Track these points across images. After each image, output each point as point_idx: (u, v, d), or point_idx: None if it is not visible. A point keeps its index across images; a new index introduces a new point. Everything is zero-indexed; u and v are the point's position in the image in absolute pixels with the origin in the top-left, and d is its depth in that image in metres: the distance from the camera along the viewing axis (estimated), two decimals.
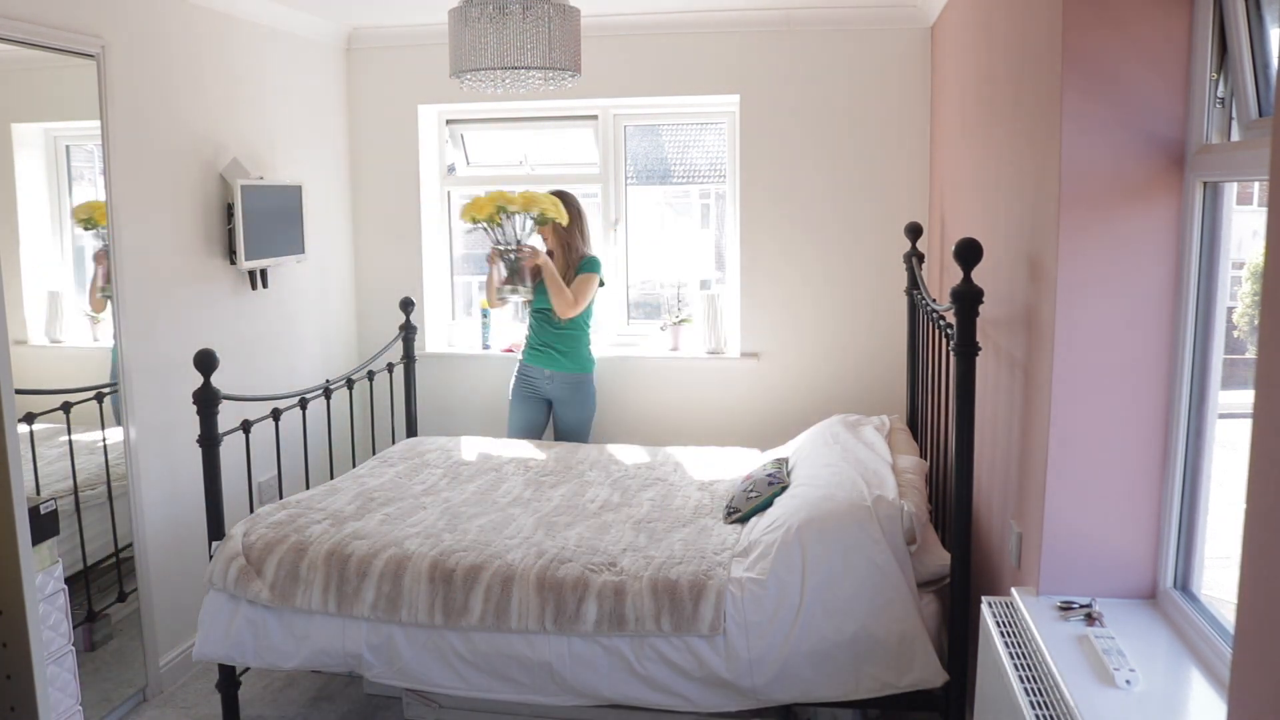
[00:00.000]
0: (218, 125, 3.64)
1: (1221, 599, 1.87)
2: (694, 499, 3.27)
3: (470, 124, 4.73)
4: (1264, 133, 1.70)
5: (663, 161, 4.78)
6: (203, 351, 2.87)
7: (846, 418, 3.59)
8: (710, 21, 4.22)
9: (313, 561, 2.74)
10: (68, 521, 2.91)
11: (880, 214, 4.23)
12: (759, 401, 4.39)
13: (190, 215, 3.50)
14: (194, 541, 3.38)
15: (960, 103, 3.37)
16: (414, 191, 4.61)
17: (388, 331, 4.53)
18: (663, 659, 2.54)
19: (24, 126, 3.03)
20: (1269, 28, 1.71)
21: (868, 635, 2.50)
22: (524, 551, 2.76)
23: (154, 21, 3.30)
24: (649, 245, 4.73)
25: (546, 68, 2.84)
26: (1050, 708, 1.69)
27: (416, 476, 3.53)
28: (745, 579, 2.58)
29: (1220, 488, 1.91)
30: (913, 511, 2.66)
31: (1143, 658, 1.78)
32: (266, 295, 3.94)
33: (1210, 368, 1.90)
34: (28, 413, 2.87)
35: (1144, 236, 1.94)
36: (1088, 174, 1.95)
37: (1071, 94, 1.94)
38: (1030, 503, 2.18)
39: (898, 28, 4.14)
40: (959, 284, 2.33)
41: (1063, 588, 2.06)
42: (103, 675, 3.16)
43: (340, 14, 4.23)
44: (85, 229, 3.16)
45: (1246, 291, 1.96)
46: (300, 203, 4.03)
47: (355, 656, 2.70)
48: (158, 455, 3.33)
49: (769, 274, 4.34)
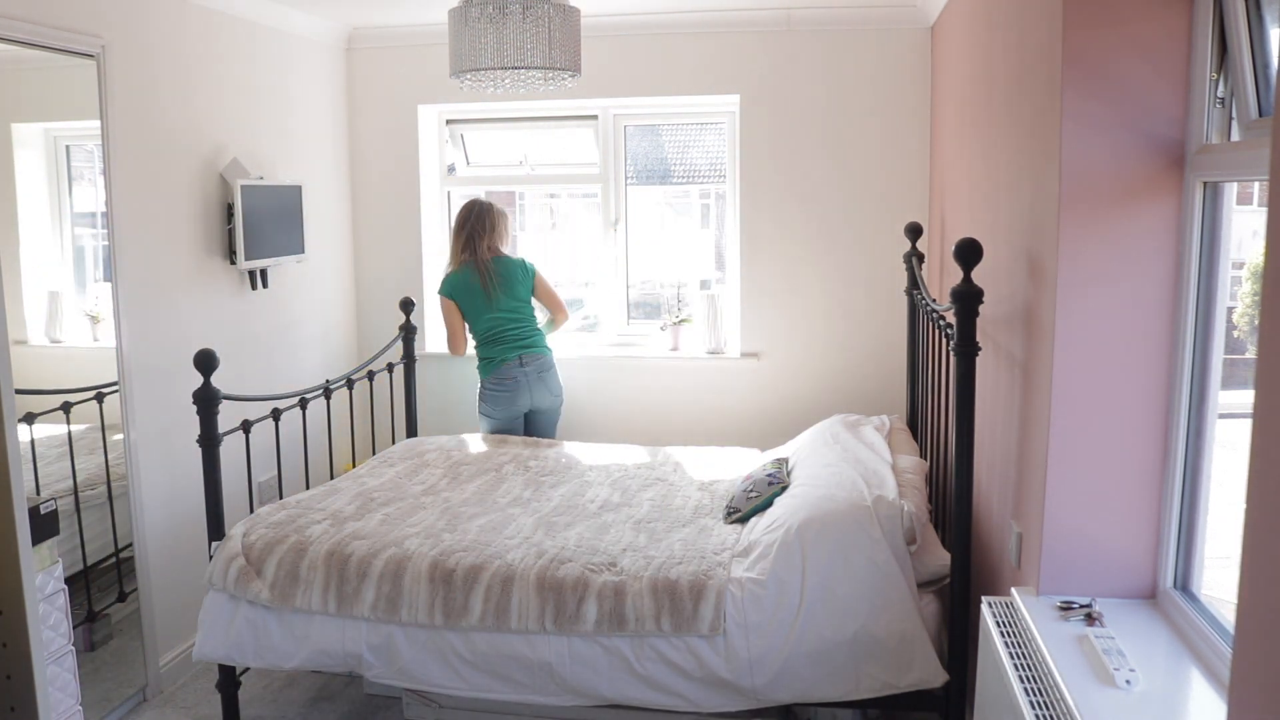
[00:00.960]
0: (218, 125, 3.64)
1: (1221, 599, 1.87)
2: (694, 499, 3.27)
3: (470, 124, 4.73)
4: (1264, 133, 1.70)
5: (663, 161, 4.78)
6: (203, 351, 2.87)
7: (846, 418, 3.59)
8: (710, 21, 4.22)
9: (313, 561, 2.74)
10: (68, 521, 2.91)
11: (880, 214, 4.23)
12: (759, 401, 4.39)
13: (190, 215, 3.50)
14: (194, 541, 3.38)
15: (960, 103, 3.37)
16: (414, 191, 4.61)
17: (388, 331, 4.53)
18: (663, 659, 2.54)
19: (24, 126, 3.03)
20: (1269, 28, 1.71)
21: (868, 635, 2.50)
22: (524, 551, 2.76)
23: (154, 21, 3.30)
24: (649, 245, 4.73)
25: (546, 68, 2.84)
26: (1050, 708, 1.69)
27: (416, 476, 3.53)
28: (745, 579, 2.58)
29: (1220, 488, 1.91)
30: (913, 511, 2.66)
31: (1143, 658, 1.78)
32: (266, 295, 3.94)
33: (1210, 368, 1.90)
34: (28, 413, 2.87)
35: (1144, 236, 1.94)
36: (1088, 174, 1.95)
37: (1071, 94, 1.94)
38: (1030, 503, 2.18)
39: (898, 28, 4.14)
40: (959, 284, 2.33)
41: (1063, 588, 2.06)
42: (103, 675, 3.16)
43: (340, 14, 4.23)
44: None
45: (1246, 291, 1.96)
46: (300, 203, 4.03)
47: (355, 656, 2.70)
48: (158, 455, 3.33)
49: (769, 274, 4.34)
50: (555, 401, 4.13)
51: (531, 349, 4.04)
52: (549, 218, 5.25)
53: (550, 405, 4.13)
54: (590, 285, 4.86)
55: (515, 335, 4.03)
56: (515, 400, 4.03)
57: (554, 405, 4.14)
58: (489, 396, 4.05)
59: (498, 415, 4.05)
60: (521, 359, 4.01)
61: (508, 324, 4.02)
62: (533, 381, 4.03)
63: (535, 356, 4.03)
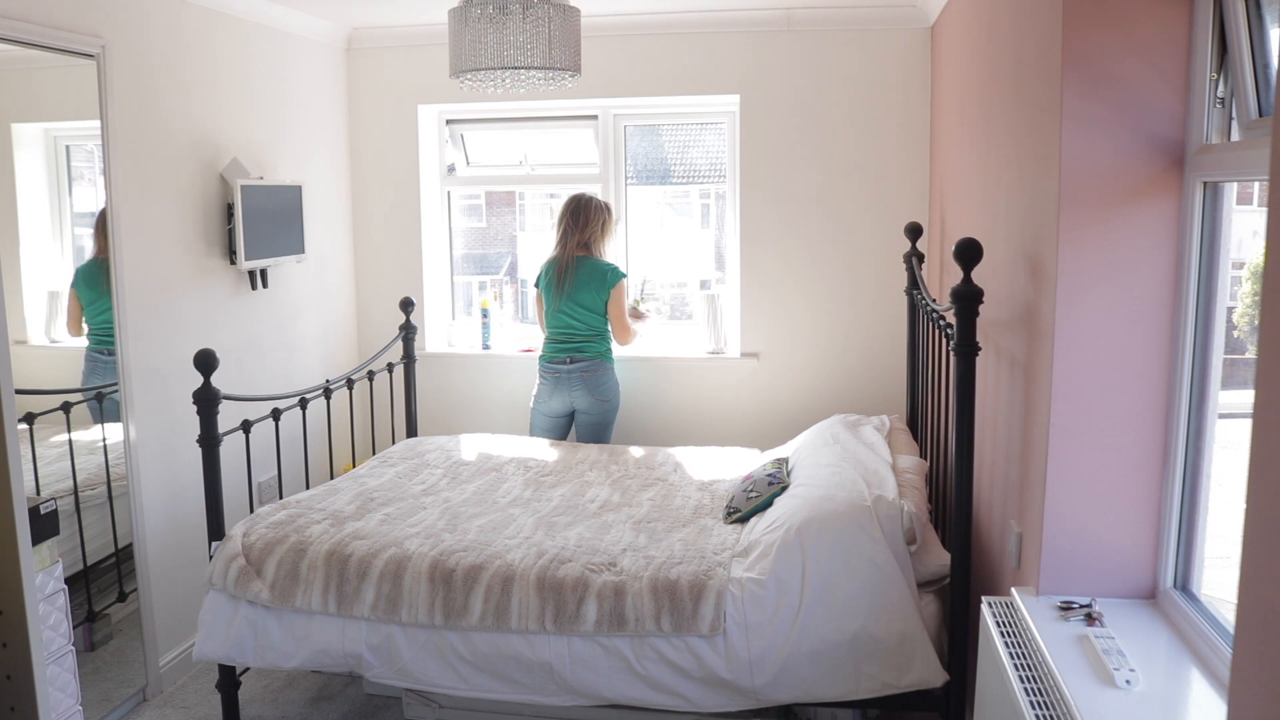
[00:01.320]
0: (218, 125, 3.64)
1: (1221, 599, 1.87)
2: (694, 499, 3.27)
3: (470, 124, 4.73)
4: (1264, 133, 1.70)
5: (663, 161, 4.78)
6: (203, 351, 2.87)
7: (846, 418, 3.59)
8: (710, 21, 4.22)
9: (313, 561, 2.74)
10: (68, 521, 2.91)
11: (880, 214, 4.23)
12: (759, 401, 4.39)
13: (190, 215, 3.50)
14: (194, 541, 3.38)
15: (960, 103, 3.37)
16: (414, 191, 4.61)
17: (388, 331, 4.53)
18: (663, 659, 2.54)
19: (24, 126, 3.03)
20: (1269, 28, 1.71)
21: (868, 635, 2.50)
22: (524, 551, 2.76)
23: (154, 21, 3.30)
24: (649, 245, 4.73)
25: (546, 68, 2.84)
26: (1050, 708, 1.69)
27: (416, 476, 3.53)
28: (745, 579, 2.58)
29: (1220, 488, 1.91)
30: (913, 511, 2.66)
31: (1143, 658, 1.78)
32: (266, 295, 3.95)
33: (1210, 368, 1.90)
34: (28, 413, 2.87)
35: (1144, 236, 1.94)
36: (1088, 174, 1.95)
37: (1071, 94, 1.94)
38: (1030, 503, 2.18)
39: (898, 28, 4.14)
40: (959, 284, 2.33)
41: (1063, 588, 2.06)
42: (103, 675, 3.16)
43: (340, 14, 4.23)
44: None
45: (1246, 291, 1.96)
46: (300, 203, 4.03)
47: (355, 656, 2.70)
48: (158, 455, 3.33)
49: (769, 274, 4.34)
50: (600, 406, 4.08)
51: (582, 352, 4.05)
52: (549, 218, 5.25)
53: (591, 408, 4.08)
54: None
55: (567, 337, 4.06)
56: (552, 396, 4.08)
57: (596, 409, 4.08)
58: (535, 389, 4.15)
59: (535, 408, 4.15)
60: (570, 358, 4.05)
61: (565, 327, 4.06)
62: (575, 381, 4.05)
63: (584, 359, 4.04)
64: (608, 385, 4.08)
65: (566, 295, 4.02)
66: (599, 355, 4.06)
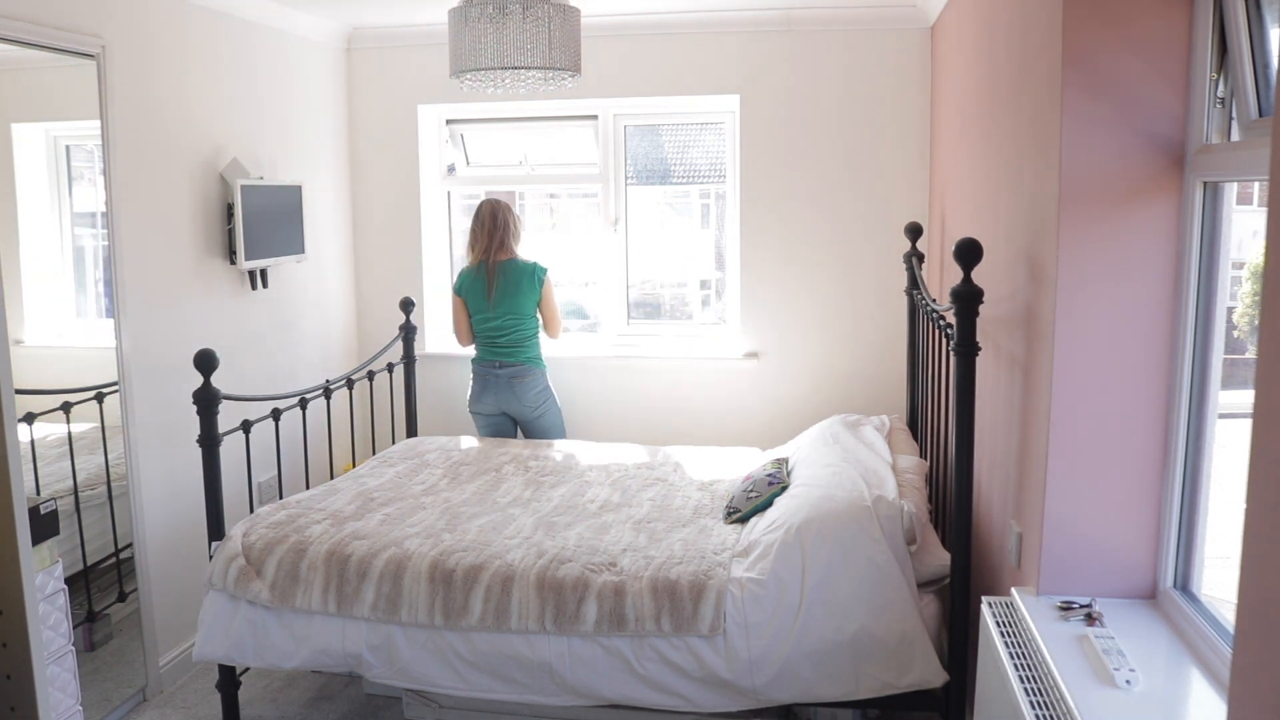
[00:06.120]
0: (218, 125, 3.64)
1: (1221, 599, 1.87)
2: (694, 499, 3.27)
3: (470, 124, 4.73)
4: (1264, 133, 1.70)
5: (663, 161, 4.78)
6: (203, 351, 2.87)
7: (846, 418, 3.59)
8: (710, 21, 4.22)
9: (313, 562, 2.74)
10: (68, 521, 2.91)
11: (880, 214, 4.23)
12: (759, 401, 4.39)
13: (190, 215, 3.50)
14: (194, 541, 3.38)
15: (960, 103, 3.37)
16: (414, 191, 4.61)
17: (388, 331, 4.53)
18: (663, 659, 2.54)
19: (24, 126, 3.03)
20: (1269, 28, 1.71)
21: (868, 635, 2.50)
22: (524, 552, 2.76)
23: (154, 21, 3.30)
24: (649, 245, 4.73)
25: (546, 68, 2.84)
26: (1050, 708, 1.69)
27: (416, 476, 3.53)
28: (745, 579, 2.58)
29: (1220, 488, 1.91)
30: (913, 511, 2.66)
31: (1143, 658, 1.78)
32: (266, 295, 3.94)
33: (1210, 368, 1.90)
34: (28, 413, 2.87)
35: (1144, 236, 1.94)
36: (1088, 173, 1.95)
37: (1071, 93, 1.94)
38: (1030, 503, 2.18)
39: (898, 28, 4.14)
40: (959, 284, 2.33)
41: (1063, 588, 2.06)
42: (103, 675, 3.16)
43: (340, 14, 4.23)
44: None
45: (1246, 291, 1.96)
46: (300, 203, 4.03)
47: (355, 656, 2.70)
48: (158, 455, 3.33)
49: (769, 274, 4.34)
50: (528, 412, 4.11)
51: (511, 357, 4.07)
52: (549, 218, 5.25)
53: (522, 415, 4.12)
54: (590, 285, 4.86)
55: (505, 342, 4.08)
56: (481, 397, 4.13)
57: (527, 416, 4.12)
58: (471, 392, 4.18)
59: (474, 410, 4.19)
60: (500, 363, 4.07)
61: (498, 332, 4.07)
62: (503, 386, 4.08)
63: (512, 364, 4.07)
64: (536, 392, 4.11)
65: (497, 301, 4.04)
66: (528, 361, 4.09)
